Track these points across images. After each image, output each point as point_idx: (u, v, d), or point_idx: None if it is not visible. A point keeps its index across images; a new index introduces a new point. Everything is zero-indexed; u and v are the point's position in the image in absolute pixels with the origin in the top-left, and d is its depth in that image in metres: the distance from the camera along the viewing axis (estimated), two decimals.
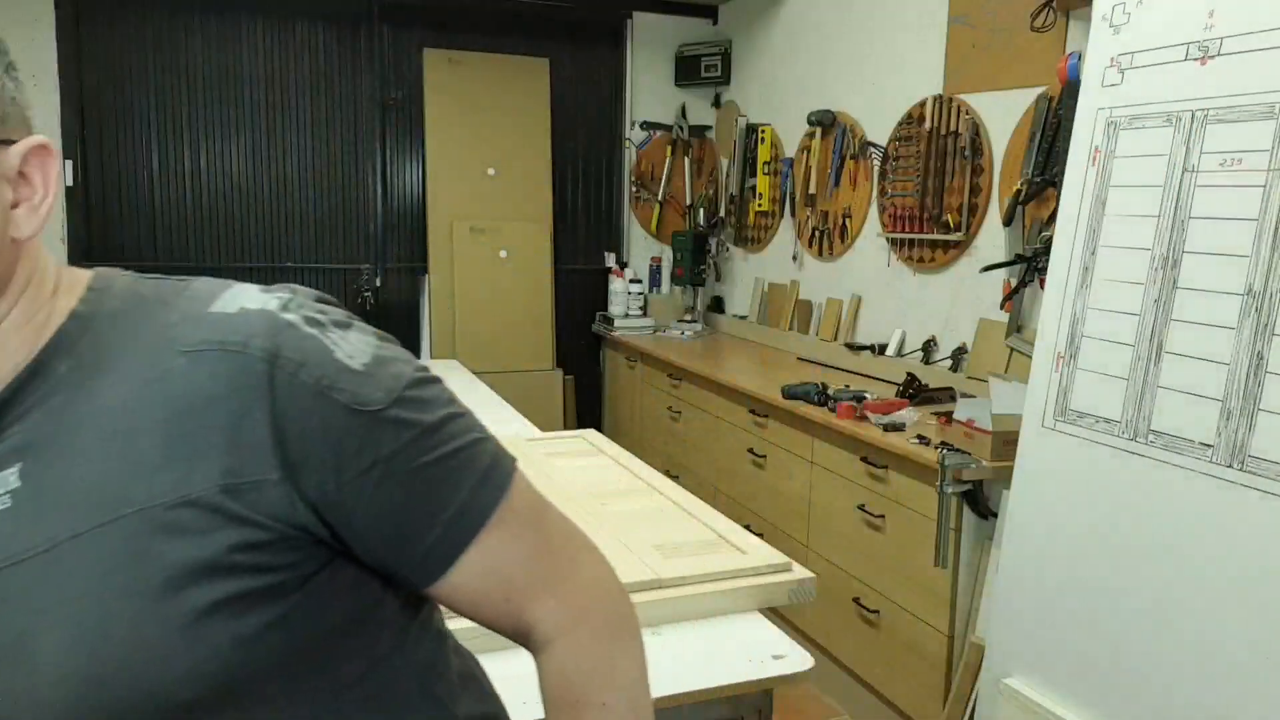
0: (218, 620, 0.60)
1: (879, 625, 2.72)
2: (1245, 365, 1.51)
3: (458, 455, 0.69)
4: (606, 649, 0.75)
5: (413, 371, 0.70)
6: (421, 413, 0.67)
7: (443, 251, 4.56)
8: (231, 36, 4.27)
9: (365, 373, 0.65)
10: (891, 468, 2.63)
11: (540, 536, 0.74)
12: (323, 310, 0.68)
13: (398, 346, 0.72)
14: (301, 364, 0.63)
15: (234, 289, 0.68)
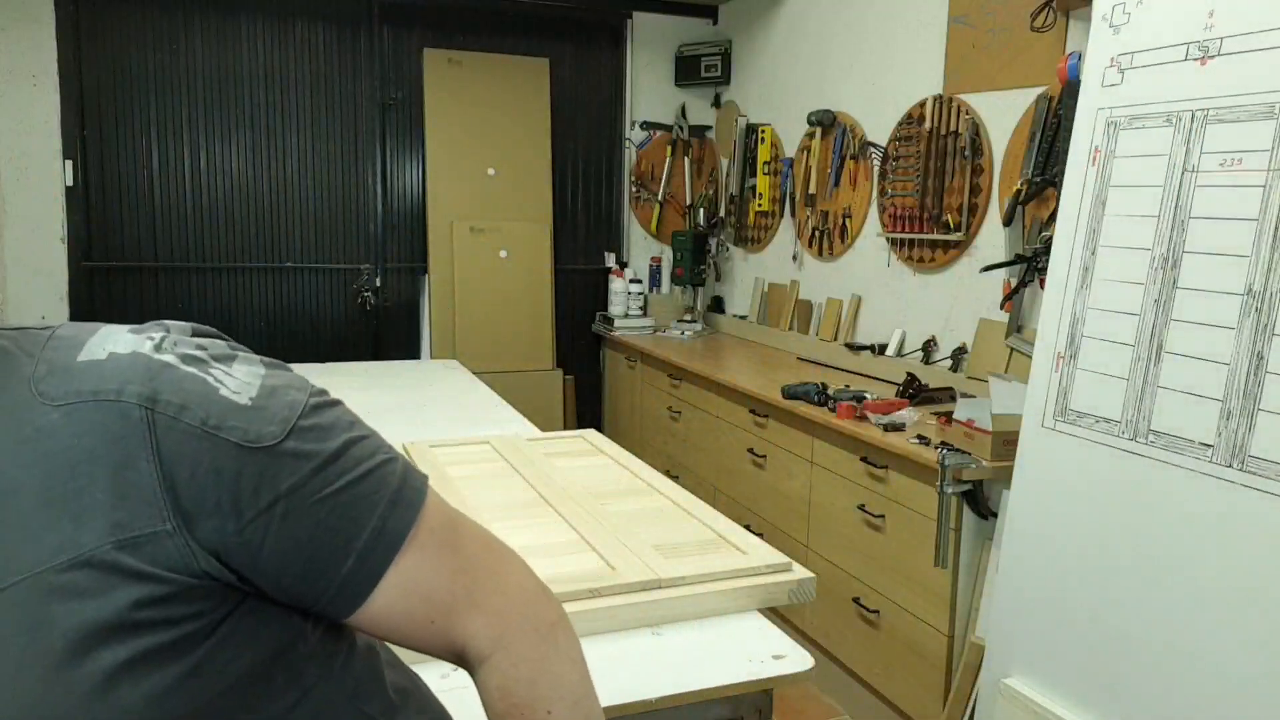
0: (127, 681, 0.57)
1: (879, 625, 2.72)
2: (1245, 365, 1.51)
3: (364, 480, 0.65)
4: (542, 655, 0.73)
5: (307, 398, 0.66)
6: (320, 441, 0.64)
7: (443, 251, 4.56)
8: (231, 36, 4.27)
9: (254, 407, 0.62)
10: (891, 468, 2.63)
11: (458, 552, 0.71)
12: (200, 346, 0.64)
13: (288, 372, 0.69)
14: (183, 406, 0.59)
15: (101, 332, 0.63)
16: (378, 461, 0.68)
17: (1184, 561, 1.60)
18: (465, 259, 4.57)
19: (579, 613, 1.26)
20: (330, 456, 0.64)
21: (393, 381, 3.12)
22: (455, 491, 1.73)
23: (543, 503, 1.70)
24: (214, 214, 4.33)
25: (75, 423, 0.58)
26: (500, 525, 1.56)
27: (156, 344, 0.63)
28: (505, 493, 1.76)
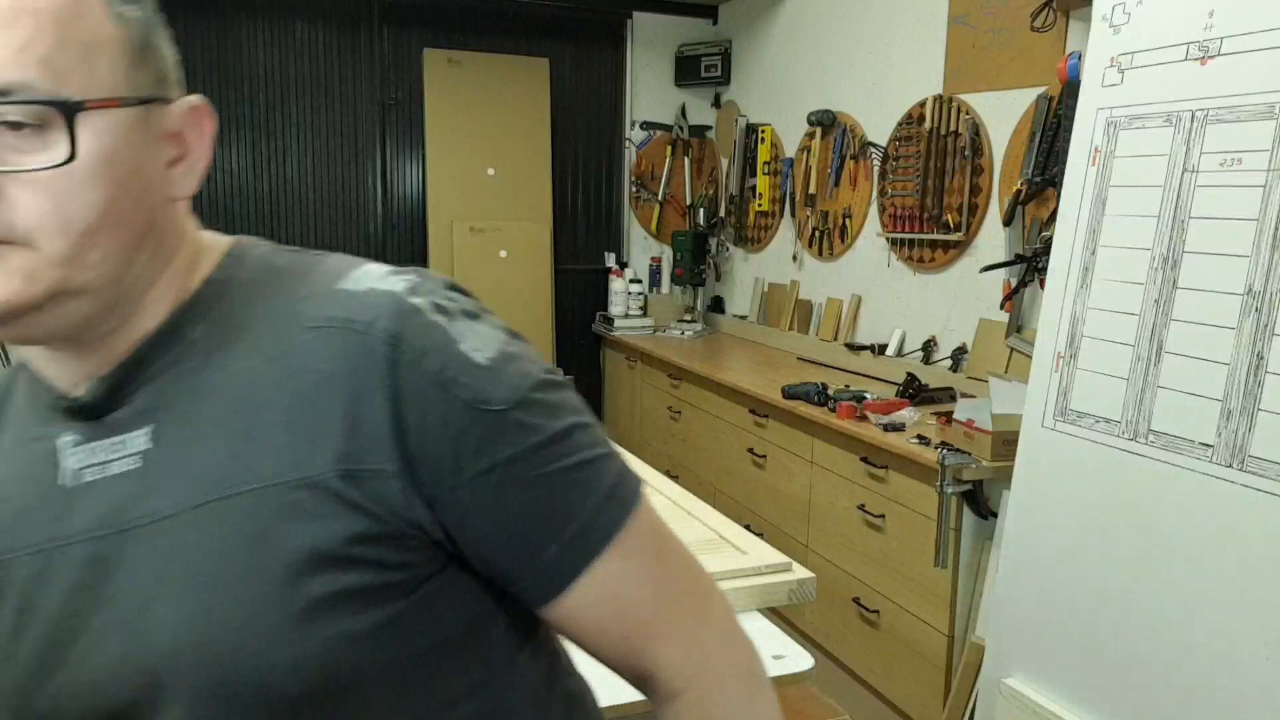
0: (331, 614, 0.57)
1: (879, 625, 2.72)
2: (1245, 365, 1.51)
3: (582, 469, 0.63)
4: (743, 708, 0.67)
5: (540, 373, 0.66)
6: (546, 418, 0.63)
7: (443, 251, 4.56)
8: (231, 37, 4.27)
9: (489, 368, 0.61)
10: (891, 468, 2.63)
11: (664, 569, 0.67)
12: (451, 298, 0.64)
13: (527, 344, 0.69)
14: (424, 352, 0.59)
15: (364, 268, 0.65)
16: (598, 453, 0.65)
17: (1184, 561, 1.60)
18: (465, 259, 4.57)
19: None
20: (554, 436, 0.62)
21: None
22: None
23: None
24: (214, 214, 4.33)
25: (324, 346, 0.59)
26: None
27: (411, 287, 0.62)
28: None
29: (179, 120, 0.65)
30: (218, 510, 0.58)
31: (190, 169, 0.66)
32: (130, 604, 0.59)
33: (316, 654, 0.57)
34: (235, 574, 0.57)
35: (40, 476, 0.63)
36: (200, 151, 0.68)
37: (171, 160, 0.64)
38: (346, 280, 0.63)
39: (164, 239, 0.63)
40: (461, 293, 0.67)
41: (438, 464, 0.58)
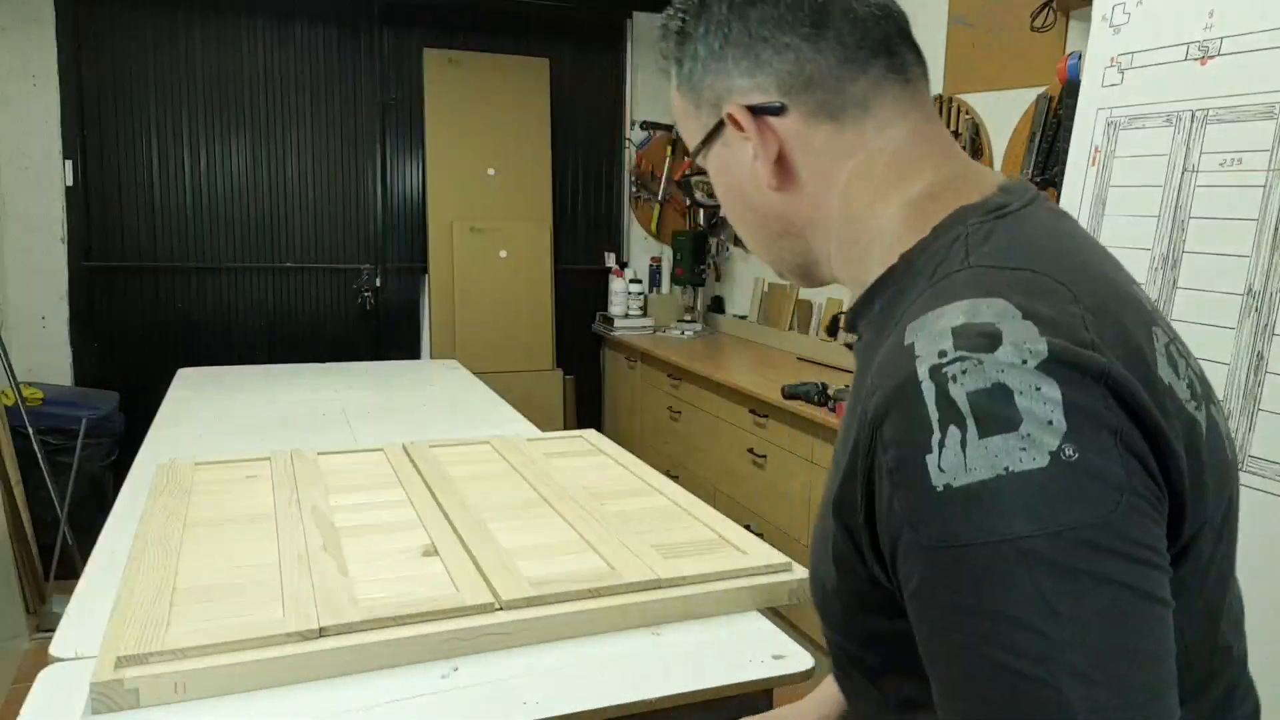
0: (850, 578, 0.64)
1: None
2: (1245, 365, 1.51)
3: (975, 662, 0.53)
4: None
5: (1001, 533, 0.50)
6: (956, 595, 0.52)
7: (443, 251, 4.56)
8: (231, 36, 4.27)
9: (941, 497, 0.51)
10: None
11: None
12: (994, 392, 0.51)
13: (1051, 484, 0.50)
14: (893, 444, 0.54)
15: (951, 306, 0.57)
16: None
17: None
18: (465, 259, 4.57)
19: (579, 613, 1.26)
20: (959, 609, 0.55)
21: (393, 381, 3.12)
22: (455, 491, 1.73)
23: (543, 503, 1.70)
24: (214, 214, 4.33)
25: (875, 377, 0.59)
26: (500, 525, 1.56)
27: (941, 361, 0.54)
28: (505, 493, 1.76)
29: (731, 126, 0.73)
30: (831, 479, 0.67)
31: (762, 151, 0.72)
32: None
33: (866, 632, 0.71)
34: (821, 541, 0.69)
35: None
36: (767, 136, 0.71)
37: (754, 154, 0.72)
38: (925, 315, 0.57)
39: (804, 221, 0.74)
40: (1043, 386, 0.51)
41: (886, 540, 0.57)
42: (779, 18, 0.67)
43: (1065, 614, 0.48)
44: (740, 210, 0.75)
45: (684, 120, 0.76)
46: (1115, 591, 0.49)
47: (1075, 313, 0.55)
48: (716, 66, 0.70)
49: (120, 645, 1.09)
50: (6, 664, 2.89)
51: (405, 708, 1.07)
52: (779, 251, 0.76)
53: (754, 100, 0.69)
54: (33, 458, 3.34)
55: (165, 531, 1.50)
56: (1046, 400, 0.51)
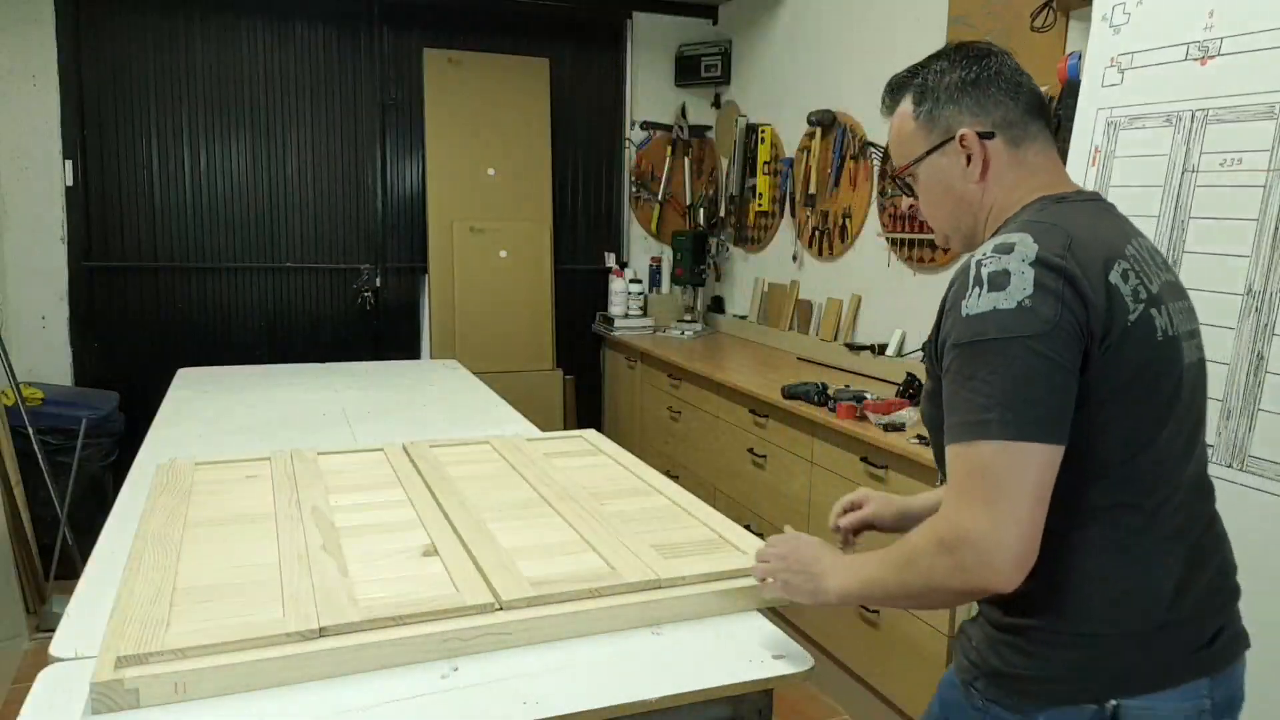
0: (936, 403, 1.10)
1: (879, 625, 2.72)
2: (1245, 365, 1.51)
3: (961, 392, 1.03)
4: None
5: (985, 335, 1.00)
6: (961, 368, 1.02)
7: (443, 251, 4.56)
8: (231, 36, 4.27)
9: (965, 320, 1.02)
10: (891, 468, 2.63)
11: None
12: (1001, 272, 1.01)
13: (1012, 324, 0.99)
14: (952, 297, 1.05)
15: (999, 237, 1.07)
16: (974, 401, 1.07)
17: None
18: (465, 259, 4.57)
19: (579, 613, 1.26)
20: (958, 375, 1.05)
21: (393, 381, 3.12)
22: (455, 491, 1.73)
23: (543, 503, 1.70)
24: (214, 214, 4.33)
25: None
26: (500, 525, 1.56)
27: (982, 259, 1.04)
28: (505, 493, 1.76)
29: (958, 142, 1.17)
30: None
31: (974, 162, 1.16)
32: None
33: (933, 414, 1.12)
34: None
35: None
36: (978, 151, 1.16)
37: (967, 163, 1.17)
38: (988, 242, 1.08)
39: (990, 210, 1.18)
40: (1033, 265, 1.01)
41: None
42: (998, 86, 1.15)
43: (1003, 372, 0.98)
44: (943, 198, 1.19)
45: (910, 140, 1.20)
46: (1032, 364, 0.97)
47: (1062, 243, 1.03)
48: (952, 109, 1.16)
49: (120, 645, 1.09)
50: (6, 664, 2.89)
51: (405, 708, 1.07)
52: (963, 223, 1.20)
53: (979, 129, 1.15)
54: (33, 458, 3.34)
55: (165, 531, 1.50)
56: (1026, 278, 1.00)
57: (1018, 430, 0.96)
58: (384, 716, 1.05)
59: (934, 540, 1.00)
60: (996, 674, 1.09)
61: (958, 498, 0.99)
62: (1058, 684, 1.06)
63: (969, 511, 0.97)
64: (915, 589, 1.04)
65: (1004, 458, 0.96)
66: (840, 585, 1.14)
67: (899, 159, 1.22)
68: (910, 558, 1.04)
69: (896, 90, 1.23)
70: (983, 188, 1.16)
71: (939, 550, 1.00)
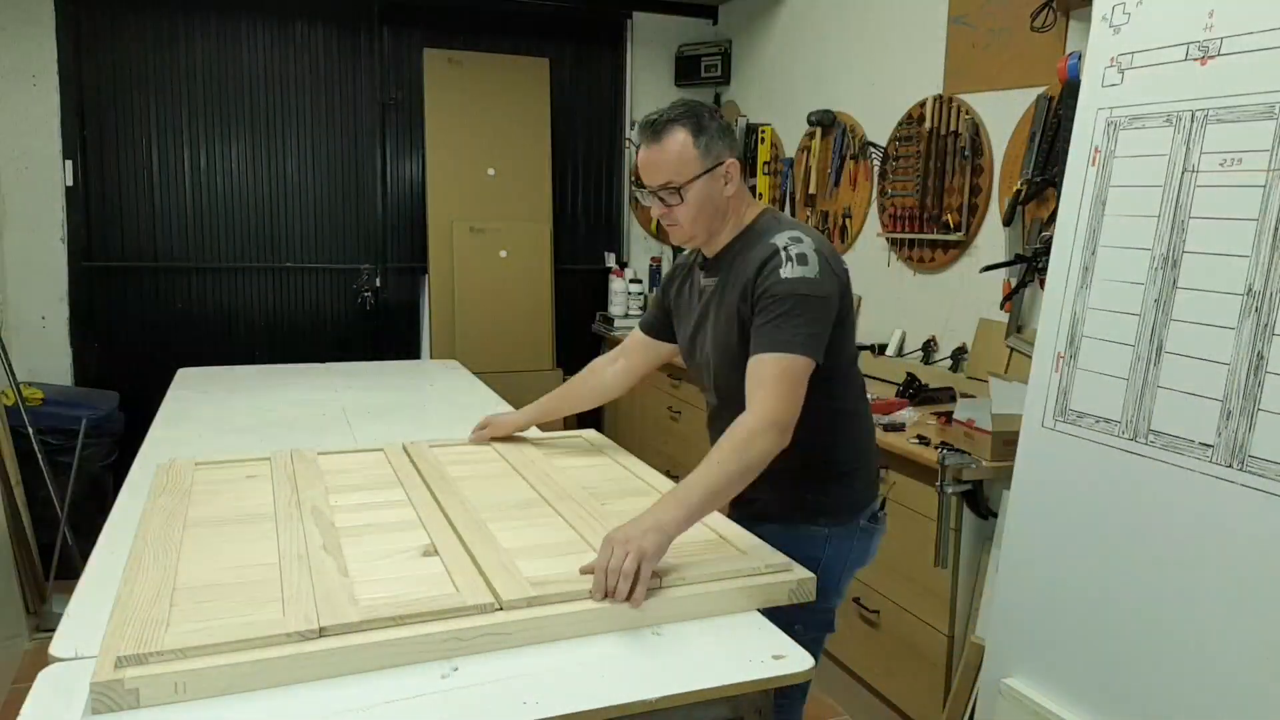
0: (743, 341, 1.58)
1: (879, 625, 2.72)
2: (1245, 365, 1.51)
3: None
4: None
5: (797, 291, 1.54)
6: (780, 309, 1.53)
7: (443, 251, 4.56)
8: (231, 36, 4.27)
9: (782, 279, 1.53)
10: (891, 468, 2.63)
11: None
12: (804, 253, 1.56)
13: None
14: (766, 268, 1.56)
15: (785, 232, 1.60)
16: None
17: (1184, 561, 1.60)
18: (465, 259, 4.57)
19: (580, 612, 1.26)
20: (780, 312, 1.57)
21: (393, 381, 3.12)
22: (455, 491, 1.73)
23: (543, 503, 1.70)
24: (214, 214, 4.33)
25: (754, 258, 1.60)
26: (500, 525, 1.56)
27: (786, 244, 1.58)
28: (505, 493, 1.76)
29: (725, 168, 1.64)
30: (729, 308, 1.62)
31: (729, 182, 1.65)
32: (699, 341, 1.78)
33: (742, 350, 1.58)
34: (725, 329, 1.65)
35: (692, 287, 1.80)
36: (733, 176, 1.65)
37: (725, 183, 1.65)
38: (778, 235, 1.58)
39: (728, 213, 1.67)
40: (818, 259, 1.56)
41: (751, 304, 1.58)
42: (733, 134, 1.67)
43: (805, 316, 1.52)
44: (705, 206, 1.63)
45: (687, 162, 1.59)
46: (822, 314, 1.54)
47: (821, 241, 1.61)
48: (720, 144, 1.61)
49: (121, 645, 1.09)
50: (6, 664, 2.89)
51: (405, 708, 1.07)
52: (713, 226, 1.66)
53: (733, 158, 1.65)
54: (33, 458, 3.34)
55: (165, 531, 1.50)
56: (817, 261, 1.55)
57: (814, 352, 1.50)
58: (384, 716, 1.05)
59: (763, 424, 1.46)
60: (823, 507, 1.68)
61: (773, 390, 1.48)
62: (851, 504, 1.71)
63: (781, 401, 1.47)
64: (751, 464, 1.47)
65: (801, 368, 1.49)
66: (675, 513, 1.38)
67: (678, 176, 1.59)
68: (746, 442, 1.47)
69: (669, 124, 1.58)
70: (730, 204, 1.64)
71: (768, 430, 1.46)
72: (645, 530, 1.32)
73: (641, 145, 1.63)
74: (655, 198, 1.63)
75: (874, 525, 1.76)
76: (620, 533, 1.33)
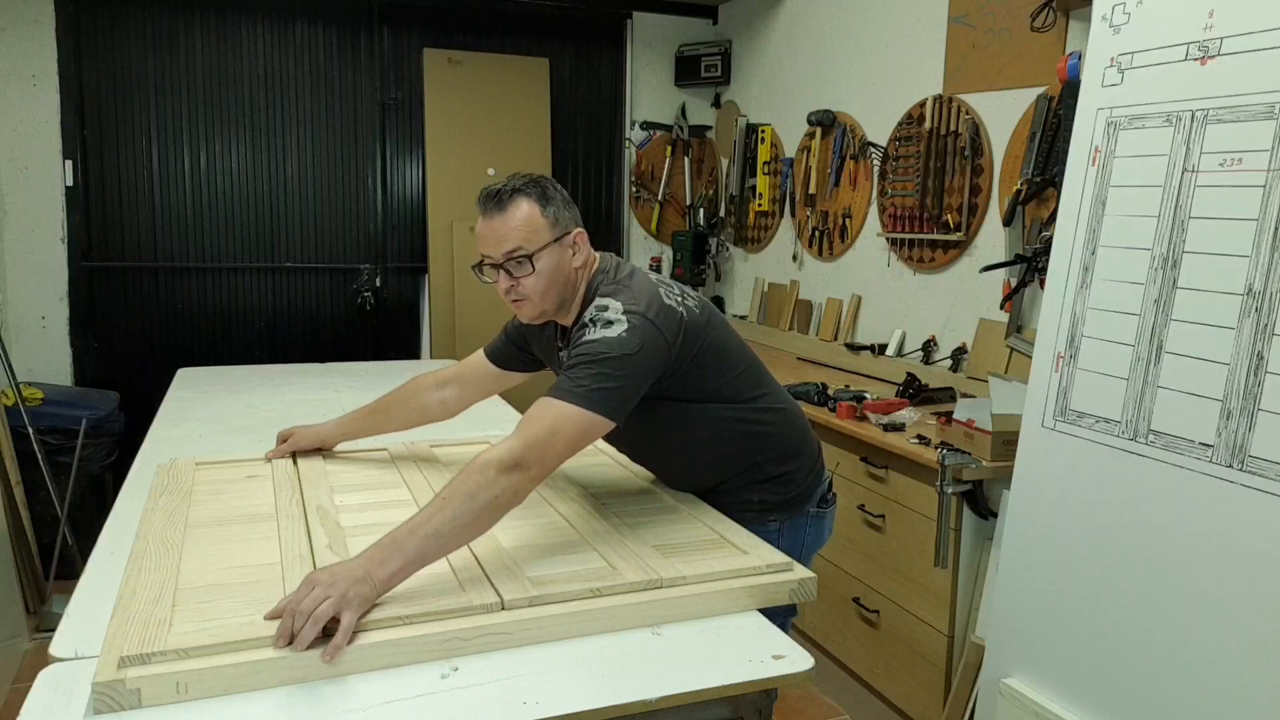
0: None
1: (879, 625, 2.72)
2: (1245, 365, 1.51)
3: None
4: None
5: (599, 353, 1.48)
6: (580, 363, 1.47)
7: (443, 251, 4.56)
8: (231, 36, 4.27)
9: (588, 340, 1.49)
10: (892, 468, 2.63)
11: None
12: (610, 318, 1.52)
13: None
14: (581, 333, 1.53)
15: (600, 300, 1.57)
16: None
17: (1184, 561, 1.60)
18: (465, 259, 4.56)
19: (580, 612, 1.26)
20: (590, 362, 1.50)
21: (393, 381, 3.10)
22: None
23: (543, 503, 1.70)
24: (214, 214, 4.33)
25: (580, 322, 1.60)
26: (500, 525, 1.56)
27: (594, 314, 1.55)
28: None
29: (572, 238, 1.62)
30: None
31: (576, 254, 1.62)
32: None
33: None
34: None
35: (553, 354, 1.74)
36: (581, 246, 1.64)
37: (572, 254, 1.62)
38: (596, 302, 1.56)
39: (578, 287, 1.64)
40: (633, 322, 1.52)
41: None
42: (573, 206, 1.67)
43: (597, 370, 1.44)
44: (555, 278, 1.58)
45: (536, 230, 1.56)
46: (611, 374, 1.44)
47: (640, 295, 1.55)
48: (566, 214, 1.62)
49: (123, 645, 1.09)
50: (6, 664, 2.89)
51: (405, 708, 1.07)
52: (563, 298, 1.62)
53: (578, 229, 1.63)
54: (33, 458, 3.34)
55: (167, 532, 1.50)
56: (625, 321, 1.49)
57: (598, 407, 1.42)
58: (384, 716, 1.05)
59: (504, 465, 1.33)
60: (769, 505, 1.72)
61: (533, 433, 1.38)
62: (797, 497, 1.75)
63: (537, 447, 1.37)
64: (481, 512, 1.31)
65: (579, 419, 1.41)
66: (391, 565, 1.22)
67: (527, 244, 1.55)
68: (479, 486, 1.31)
69: (514, 194, 1.56)
70: (579, 274, 1.62)
71: (508, 473, 1.33)
72: (353, 579, 1.17)
73: (483, 217, 1.57)
74: (502, 271, 1.56)
75: (823, 509, 1.80)
76: (325, 574, 1.18)
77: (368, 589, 1.18)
